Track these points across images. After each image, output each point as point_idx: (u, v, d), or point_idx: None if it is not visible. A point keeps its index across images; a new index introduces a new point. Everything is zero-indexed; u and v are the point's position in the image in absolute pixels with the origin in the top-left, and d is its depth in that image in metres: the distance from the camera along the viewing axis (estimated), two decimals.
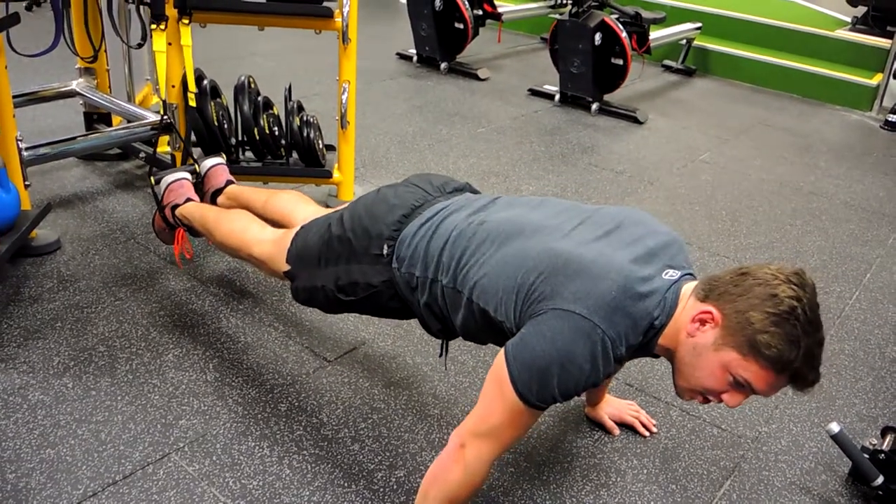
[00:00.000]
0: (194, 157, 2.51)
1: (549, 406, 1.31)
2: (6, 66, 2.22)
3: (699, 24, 5.48)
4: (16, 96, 2.45)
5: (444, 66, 4.97)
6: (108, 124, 3.15)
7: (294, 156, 2.80)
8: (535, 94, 4.68)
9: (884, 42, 5.17)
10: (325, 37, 2.79)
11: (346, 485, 1.66)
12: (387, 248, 1.57)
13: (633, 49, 4.28)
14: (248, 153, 2.80)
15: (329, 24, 2.60)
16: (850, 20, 5.69)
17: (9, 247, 2.15)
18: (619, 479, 1.76)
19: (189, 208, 2.16)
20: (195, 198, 2.23)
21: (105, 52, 3.03)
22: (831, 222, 3.26)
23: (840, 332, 2.44)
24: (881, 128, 4.71)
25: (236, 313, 2.24)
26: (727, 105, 4.90)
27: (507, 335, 1.37)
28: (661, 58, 5.59)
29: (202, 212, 2.11)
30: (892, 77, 4.96)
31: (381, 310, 1.66)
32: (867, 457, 1.73)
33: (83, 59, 2.98)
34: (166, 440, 1.73)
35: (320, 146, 2.84)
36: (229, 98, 2.75)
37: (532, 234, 1.43)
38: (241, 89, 2.70)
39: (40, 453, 1.67)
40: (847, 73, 5.12)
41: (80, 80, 3.08)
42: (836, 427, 1.71)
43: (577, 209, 1.53)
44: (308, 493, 1.63)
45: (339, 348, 2.12)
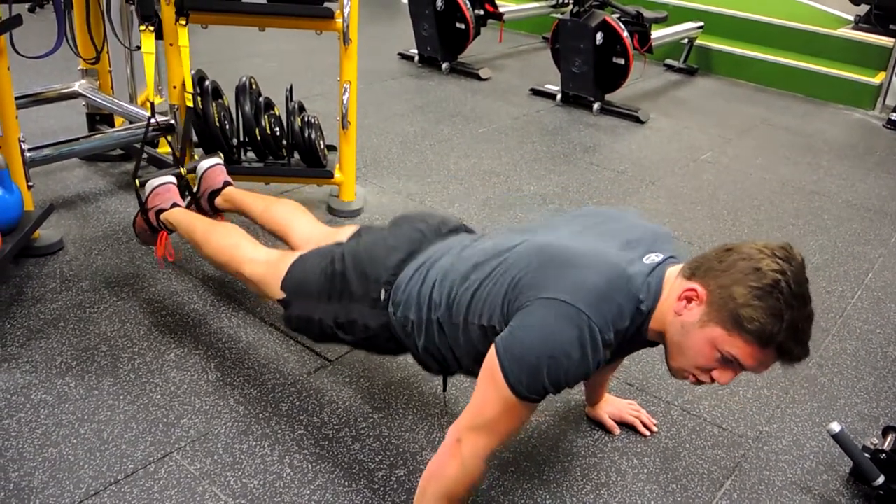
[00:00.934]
0: (187, 156, 2.51)
1: (542, 398, 1.31)
2: (9, 68, 2.23)
3: (701, 24, 5.47)
4: (18, 97, 2.45)
5: (445, 66, 4.97)
6: (111, 125, 3.16)
7: (295, 156, 2.81)
8: (537, 93, 4.68)
9: (887, 41, 5.16)
10: (327, 37, 2.79)
11: (346, 484, 1.67)
12: (384, 293, 1.59)
13: (635, 48, 4.27)
14: (250, 154, 2.81)
15: (330, 25, 2.61)
16: (852, 19, 5.68)
17: (12, 247, 2.16)
18: (619, 478, 1.76)
19: (176, 215, 2.13)
20: (181, 202, 2.21)
21: (107, 53, 3.04)
22: (833, 221, 3.25)
23: (842, 332, 2.43)
24: (884, 126, 4.70)
25: (238, 313, 2.24)
26: (729, 104, 4.90)
27: None
28: (662, 57, 5.59)
29: (189, 221, 2.08)
30: (895, 75, 4.95)
31: (377, 349, 1.69)
32: (868, 456, 1.73)
33: (85, 60, 2.99)
34: (168, 439, 1.74)
35: (322, 146, 2.85)
36: (231, 99, 2.75)
37: (515, 247, 1.46)
38: (243, 90, 2.70)
39: (43, 452, 1.67)
40: (850, 71, 5.11)
41: (83, 81, 3.09)
42: (837, 427, 1.71)
43: (561, 218, 1.58)
44: (309, 491, 1.64)
45: (339, 348, 2.12)
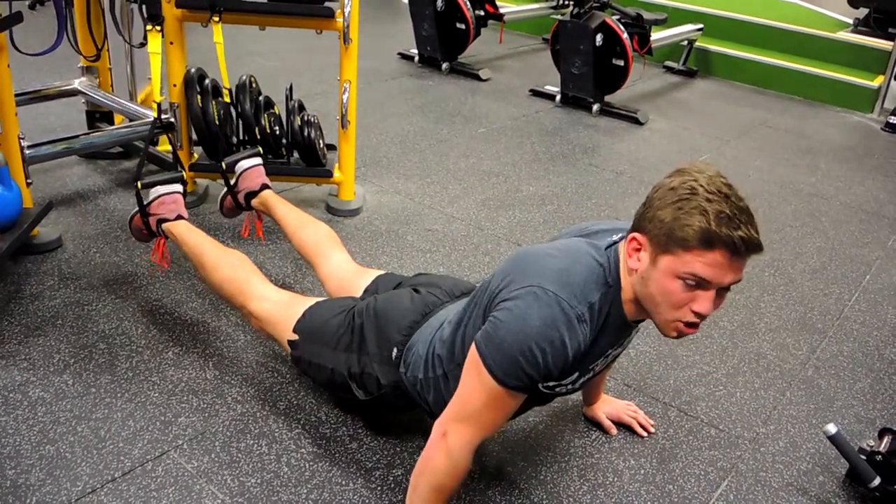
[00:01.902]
0: (185, 157, 2.51)
1: (525, 386, 1.32)
2: (9, 65, 2.23)
3: (701, 26, 5.48)
4: (18, 94, 2.45)
5: (445, 66, 4.98)
6: (110, 123, 3.16)
7: (295, 155, 2.81)
8: (537, 94, 4.68)
9: (885, 44, 5.17)
10: (327, 37, 2.79)
11: (343, 483, 1.67)
12: (395, 352, 1.63)
13: (635, 50, 4.28)
14: None
15: (330, 24, 2.61)
16: (851, 22, 5.69)
17: (10, 244, 2.16)
18: (616, 478, 1.76)
19: (182, 232, 2.09)
20: (185, 215, 2.18)
21: (107, 50, 3.04)
22: (831, 224, 3.26)
23: (839, 334, 2.44)
24: (882, 130, 4.71)
25: (236, 311, 2.24)
26: (728, 106, 4.91)
27: None
28: (662, 59, 5.59)
29: (197, 243, 2.04)
30: (893, 79, 4.96)
31: (386, 405, 1.74)
32: (864, 458, 1.73)
33: (86, 57, 2.99)
34: (165, 437, 1.74)
35: (321, 146, 2.85)
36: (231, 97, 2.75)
37: (494, 273, 1.48)
38: (243, 89, 2.70)
39: (40, 450, 1.67)
40: (848, 74, 5.12)
41: (83, 78, 3.09)
42: (833, 428, 1.72)
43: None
44: (306, 490, 1.64)
45: None
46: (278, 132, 2.74)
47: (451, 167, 3.46)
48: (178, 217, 2.16)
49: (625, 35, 4.19)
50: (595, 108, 4.41)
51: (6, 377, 1.88)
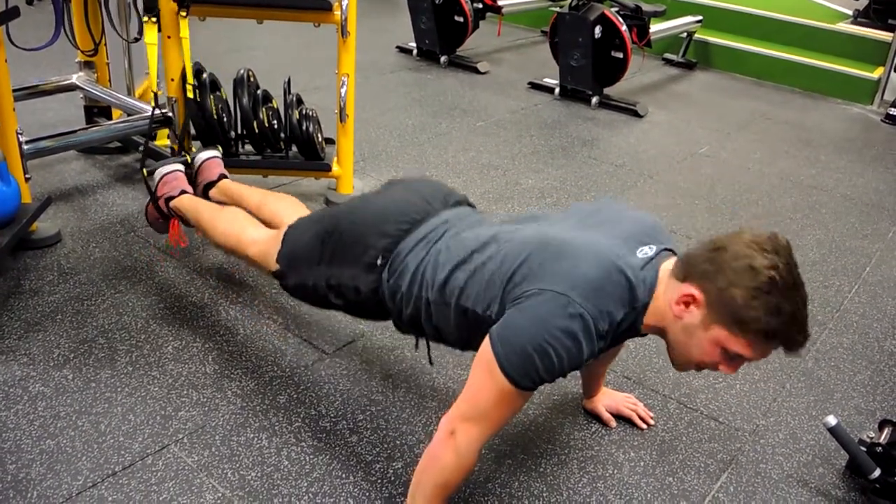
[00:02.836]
0: (185, 148, 2.51)
1: (537, 387, 1.32)
2: (6, 60, 2.22)
3: (700, 18, 5.46)
4: (16, 90, 2.45)
5: (443, 59, 4.96)
6: (108, 118, 3.16)
7: (293, 149, 2.80)
8: (535, 87, 4.67)
9: (885, 35, 5.15)
10: (325, 30, 2.78)
11: (343, 476, 1.67)
12: (381, 259, 1.59)
13: (634, 42, 4.27)
14: (248, 146, 2.80)
15: (328, 17, 2.60)
16: (851, 13, 5.67)
17: (9, 239, 2.15)
18: (616, 471, 1.76)
19: (183, 202, 2.18)
20: (189, 189, 2.26)
21: (105, 45, 3.03)
22: (831, 216, 3.25)
23: (839, 326, 2.44)
24: (882, 121, 4.70)
25: (235, 305, 2.24)
26: (728, 98, 4.90)
27: None
28: (661, 51, 5.58)
29: (196, 207, 2.13)
30: (893, 70, 4.95)
31: (364, 313, 1.71)
32: (864, 450, 1.74)
33: (83, 52, 2.98)
34: (165, 431, 1.74)
35: (319, 139, 2.85)
36: (228, 91, 2.74)
37: (511, 235, 1.47)
38: (241, 82, 2.70)
39: (40, 444, 1.68)
40: (848, 66, 5.11)
41: (80, 73, 3.08)
42: (833, 420, 1.72)
43: (559, 213, 1.60)
44: (306, 484, 1.64)
45: (337, 340, 2.13)
46: (276, 126, 2.73)
47: (450, 160, 3.46)
48: (182, 192, 2.22)
49: (624, 27, 4.17)
50: (594, 100, 4.40)
51: (6, 372, 1.88)
